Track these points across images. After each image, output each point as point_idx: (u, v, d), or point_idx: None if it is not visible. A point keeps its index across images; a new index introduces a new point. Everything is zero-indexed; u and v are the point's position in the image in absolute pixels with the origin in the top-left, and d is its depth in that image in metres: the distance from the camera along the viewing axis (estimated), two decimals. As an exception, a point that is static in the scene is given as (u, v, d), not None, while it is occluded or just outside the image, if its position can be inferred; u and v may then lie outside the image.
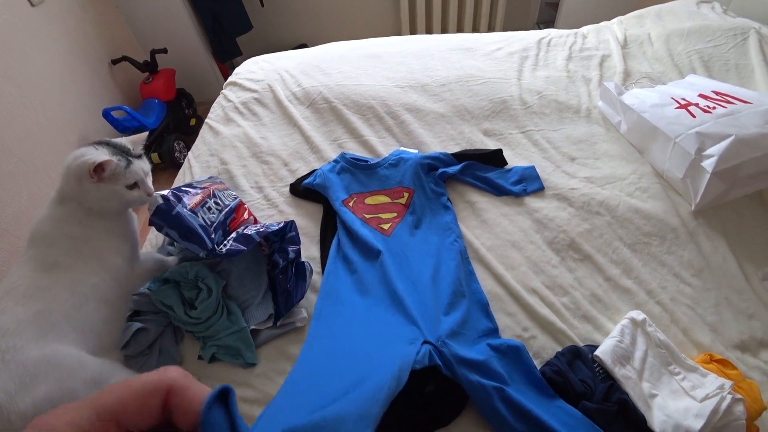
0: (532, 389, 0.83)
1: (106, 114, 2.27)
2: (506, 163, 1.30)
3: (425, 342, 0.85)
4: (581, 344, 0.92)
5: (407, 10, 2.90)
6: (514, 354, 0.86)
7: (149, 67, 2.60)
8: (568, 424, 0.77)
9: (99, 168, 0.86)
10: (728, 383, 0.84)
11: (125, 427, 0.24)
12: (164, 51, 2.61)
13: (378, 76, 1.64)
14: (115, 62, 2.55)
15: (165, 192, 1.00)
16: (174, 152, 2.51)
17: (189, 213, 0.98)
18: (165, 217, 0.96)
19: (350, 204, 1.18)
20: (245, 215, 1.16)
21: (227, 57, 2.97)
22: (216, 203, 1.08)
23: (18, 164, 1.82)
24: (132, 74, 2.69)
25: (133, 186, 0.93)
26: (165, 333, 0.99)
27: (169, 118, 2.63)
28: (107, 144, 0.92)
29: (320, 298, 1.00)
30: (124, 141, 0.95)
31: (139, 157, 0.95)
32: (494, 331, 0.93)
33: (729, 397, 0.82)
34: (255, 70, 1.81)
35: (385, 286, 0.99)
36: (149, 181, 0.96)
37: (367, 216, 1.15)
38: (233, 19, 2.84)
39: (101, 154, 0.87)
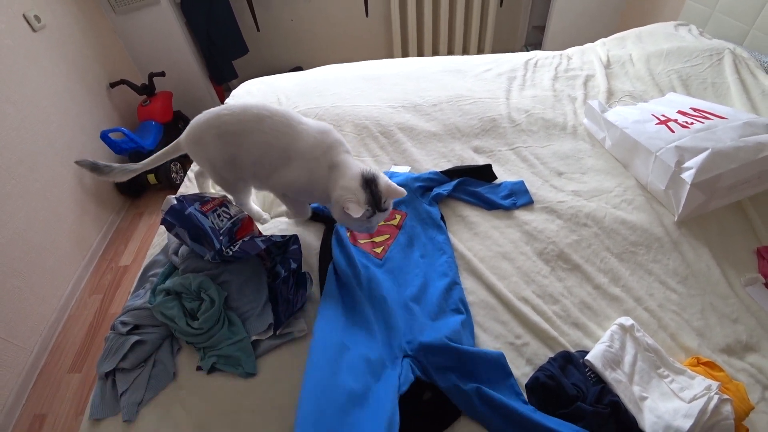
0: (507, 394, 0.86)
1: (104, 136, 2.30)
2: (496, 178, 1.34)
3: (405, 356, 0.89)
4: (572, 350, 0.95)
5: (399, 34, 2.99)
6: (495, 362, 0.90)
7: (147, 90, 2.63)
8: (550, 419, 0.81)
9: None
10: (715, 384, 0.86)
11: None
12: (162, 74, 2.65)
13: (372, 97, 1.69)
14: (113, 85, 2.58)
15: (179, 196, 1.05)
16: (171, 173, 2.55)
17: (201, 215, 1.03)
18: (178, 216, 1.01)
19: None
20: (252, 229, 1.18)
21: (223, 80, 3.02)
22: (225, 212, 1.11)
23: (16, 186, 1.84)
24: (130, 97, 2.73)
25: None
26: (162, 345, 1.01)
27: (166, 140, 2.64)
28: (373, 181, 0.97)
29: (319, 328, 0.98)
30: (384, 187, 0.98)
31: (385, 209, 0.99)
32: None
33: (716, 397, 0.84)
34: (252, 92, 1.86)
35: (372, 308, 1.01)
36: (377, 225, 1.04)
37: (362, 241, 1.18)
38: (229, 42, 2.90)
39: (360, 201, 0.96)
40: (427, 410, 0.87)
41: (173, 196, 1.04)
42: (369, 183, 0.96)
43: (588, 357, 0.91)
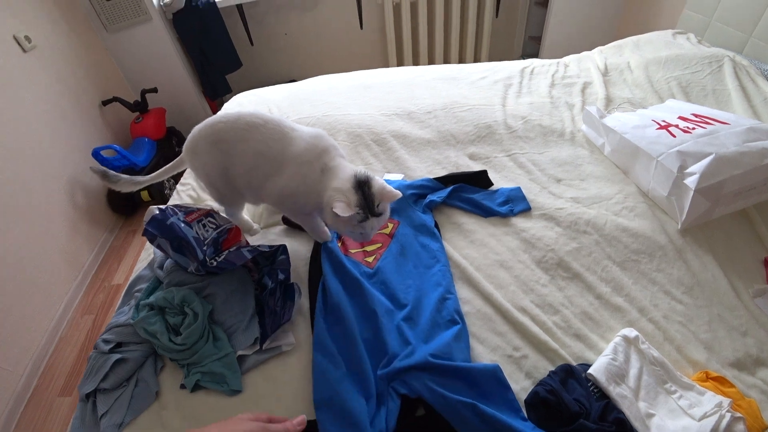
0: (505, 410, 0.81)
1: (96, 154, 2.28)
2: (492, 184, 1.31)
3: (392, 381, 0.86)
4: (574, 363, 0.90)
5: (394, 46, 2.99)
6: (490, 376, 0.85)
7: (139, 106, 2.63)
8: None
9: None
10: (726, 401, 0.81)
11: None
12: (154, 90, 2.64)
13: (365, 105, 1.67)
14: (105, 103, 2.57)
15: (163, 206, 1.02)
16: (164, 189, 2.52)
17: (184, 225, 1.00)
18: (159, 226, 0.98)
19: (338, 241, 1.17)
20: (240, 239, 1.15)
21: (217, 95, 3.01)
22: (211, 222, 1.08)
23: (6, 206, 1.82)
24: (123, 114, 2.72)
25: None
26: (145, 363, 0.96)
27: (159, 156, 2.63)
28: (366, 183, 0.91)
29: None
30: (378, 190, 0.92)
31: (379, 215, 0.93)
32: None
33: (728, 415, 0.79)
34: (244, 103, 1.84)
35: (360, 326, 0.96)
36: (373, 232, 0.98)
37: (353, 251, 1.14)
38: (223, 57, 2.90)
39: (350, 203, 0.90)
40: (420, 427, 0.82)
41: (156, 206, 1.01)
42: (362, 185, 0.90)
43: (590, 370, 0.85)
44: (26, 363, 1.81)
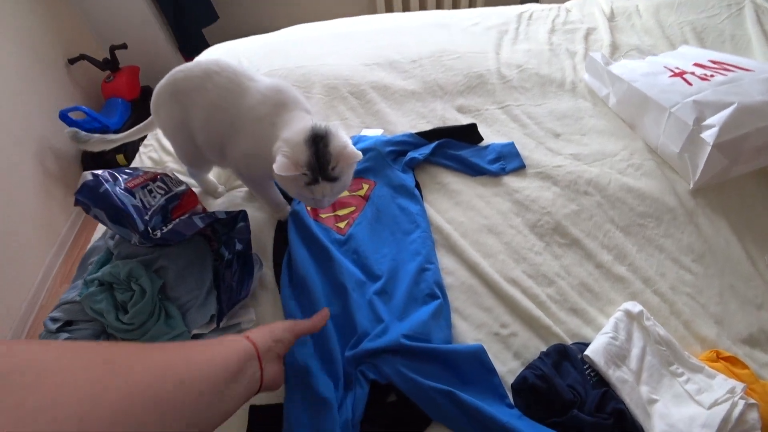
0: (488, 396, 0.72)
1: (63, 116, 2.12)
2: (482, 139, 1.18)
3: (360, 365, 0.76)
4: (569, 342, 0.80)
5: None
6: (472, 358, 0.75)
7: (110, 65, 2.47)
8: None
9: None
10: (740, 386, 0.72)
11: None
12: (124, 47, 2.48)
13: (343, 54, 1.51)
14: (72, 62, 2.40)
15: (99, 171, 0.88)
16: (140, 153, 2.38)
17: (122, 192, 0.87)
18: (91, 194, 0.85)
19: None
20: (195, 205, 1.02)
21: (194, 51, 2.80)
22: (160, 187, 0.96)
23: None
24: (93, 74, 2.55)
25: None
26: (95, 344, 0.86)
27: (135, 118, 2.47)
28: (322, 139, 0.75)
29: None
30: (336, 148, 0.76)
31: (334, 179, 0.77)
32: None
33: (741, 402, 0.70)
34: (215, 57, 1.67)
35: (329, 303, 0.86)
36: (328, 200, 0.83)
37: (323, 215, 1.02)
38: (197, 9, 2.68)
39: (298, 160, 0.75)
40: (391, 415, 0.72)
41: (90, 171, 0.87)
42: (317, 140, 0.75)
43: (587, 352, 0.75)
44: (6, 335, 1.77)
